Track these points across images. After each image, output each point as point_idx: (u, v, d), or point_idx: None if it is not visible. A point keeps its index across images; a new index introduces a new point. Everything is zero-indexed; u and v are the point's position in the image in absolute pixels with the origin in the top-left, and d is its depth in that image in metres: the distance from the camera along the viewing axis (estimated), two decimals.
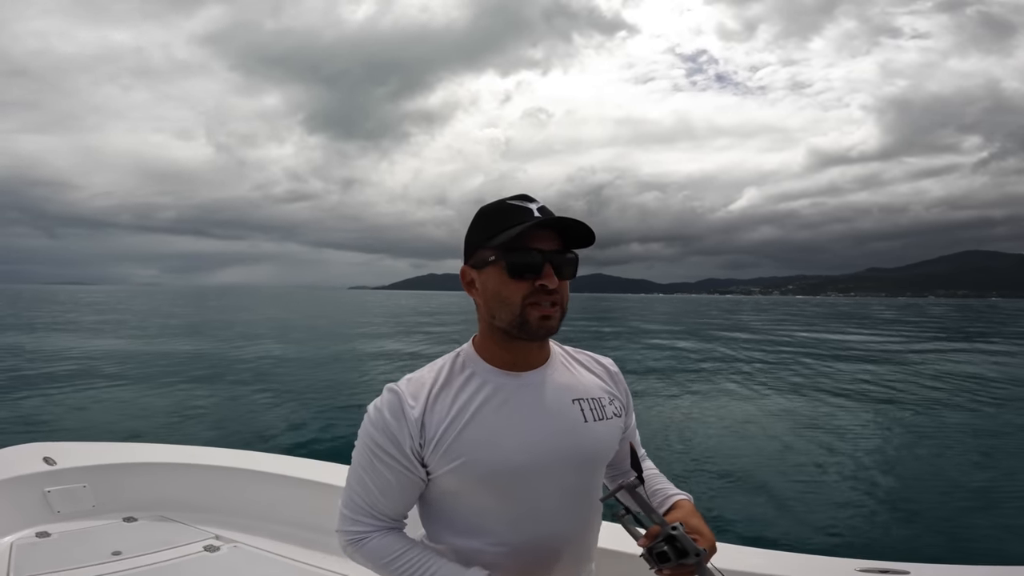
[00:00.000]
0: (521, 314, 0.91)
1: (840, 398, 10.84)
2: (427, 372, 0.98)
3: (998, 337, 26.92)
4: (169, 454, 2.37)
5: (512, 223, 0.91)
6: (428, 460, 0.92)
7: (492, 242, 0.92)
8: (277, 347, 19.68)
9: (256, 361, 16.13)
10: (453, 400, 0.94)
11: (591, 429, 0.98)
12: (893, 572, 1.41)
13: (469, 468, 0.91)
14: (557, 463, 0.94)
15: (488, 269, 0.94)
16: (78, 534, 2.03)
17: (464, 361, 0.99)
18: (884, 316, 52.33)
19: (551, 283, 0.90)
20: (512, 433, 0.92)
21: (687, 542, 0.85)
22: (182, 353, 17.53)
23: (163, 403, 10.12)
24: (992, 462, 6.67)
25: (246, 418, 9.20)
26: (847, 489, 5.75)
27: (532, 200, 0.94)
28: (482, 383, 0.95)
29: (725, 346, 21.18)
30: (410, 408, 0.92)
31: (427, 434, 0.91)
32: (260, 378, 13.35)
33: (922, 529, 4.78)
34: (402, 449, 0.91)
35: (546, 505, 0.95)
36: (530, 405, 0.95)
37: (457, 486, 0.93)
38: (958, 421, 8.87)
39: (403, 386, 0.95)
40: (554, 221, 0.91)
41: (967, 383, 12.59)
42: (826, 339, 25.30)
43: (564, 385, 1.00)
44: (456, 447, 0.91)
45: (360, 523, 0.96)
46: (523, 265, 0.90)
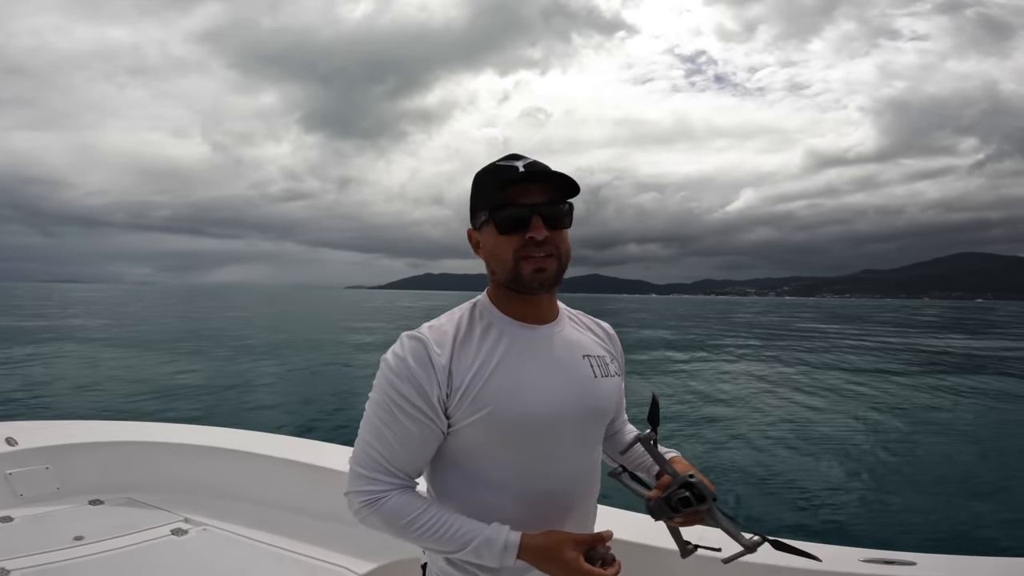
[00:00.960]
0: (515, 268, 0.93)
1: (844, 391, 10.83)
2: (447, 321, 0.97)
3: (996, 335, 27.01)
4: (137, 432, 2.28)
5: (500, 181, 0.92)
6: (452, 411, 0.90)
7: (482, 203, 0.95)
8: (264, 336, 19.57)
9: (239, 344, 15.99)
10: (477, 349, 0.93)
11: (599, 384, 1.00)
12: (898, 563, 1.39)
13: (493, 418, 0.90)
14: (572, 415, 0.96)
15: (484, 229, 0.97)
16: (41, 518, 1.93)
17: (481, 311, 0.99)
18: (878, 317, 52.47)
19: (538, 234, 0.91)
20: (533, 384, 0.93)
21: (704, 488, 0.89)
22: (159, 336, 17.34)
23: (135, 380, 9.97)
24: (999, 454, 6.65)
25: (223, 395, 9.08)
26: (852, 479, 5.71)
27: (520, 158, 0.96)
28: (501, 333, 0.96)
29: (725, 340, 21.16)
30: (437, 356, 0.90)
31: (454, 383, 0.90)
32: (240, 358, 13.24)
33: (928, 519, 4.73)
34: (429, 399, 0.89)
35: (560, 457, 0.96)
36: (547, 357, 0.97)
37: (477, 438, 0.92)
38: (965, 413, 8.86)
39: (427, 333, 0.93)
40: (533, 175, 0.92)
41: (971, 378, 12.61)
42: (827, 333, 25.31)
43: (575, 341, 1.02)
44: (482, 397, 0.90)
45: (378, 481, 0.91)
46: (509, 219, 0.92)
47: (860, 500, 5.14)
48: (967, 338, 25.60)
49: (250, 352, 14.28)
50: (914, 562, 1.38)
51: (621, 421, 1.17)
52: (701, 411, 9.00)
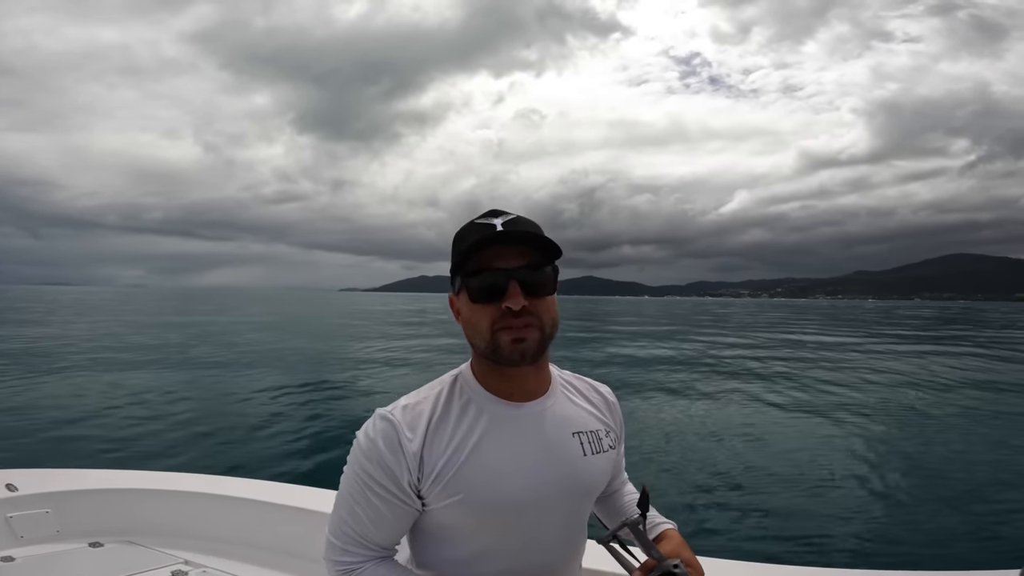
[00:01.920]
0: (492, 340, 0.86)
1: (831, 407, 10.90)
2: (423, 398, 0.92)
3: (981, 340, 27.34)
4: (135, 480, 2.31)
5: (475, 244, 0.84)
6: (425, 494, 0.88)
7: (458, 268, 0.88)
8: (261, 368, 19.50)
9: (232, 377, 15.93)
10: (452, 432, 0.88)
11: (589, 462, 0.95)
12: None
13: (468, 503, 0.86)
14: (557, 497, 0.91)
15: (461, 297, 0.90)
16: (43, 559, 1.96)
17: (462, 386, 0.94)
18: (867, 318, 52.94)
19: (515, 304, 0.83)
20: (513, 468, 0.88)
21: None
22: (152, 364, 17.30)
23: (128, 427, 9.94)
24: (982, 465, 6.71)
25: (216, 444, 9.04)
26: (840, 499, 5.74)
27: (500, 214, 0.88)
28: (479, 412, 0.90)
29: (708, 352, 21.29)
30: (408, 441, 0.86)
31: (425, 469, 0.86)
32: (232, 396, 13.22)
33: (910, 535, 4.78)
34: (399, 483, 0.86)
35: (543, 537, 0.92)
36: (531, 439, 0.91)
37: (453, 519, 0.89)
38: (951, 427, 8.94)
39: (399, 415, 0.88)
40: (507, 236, 0.84)
41: (959, 388, 12.74)
42: (813, 343, 25.52)
43: (564, 417, 0.96)
44: (455, 482, 0.86)
45: (350, 553, 0.91)
46: (483, 288, 0.85)
47: (848, 520, 5.19)
48: (957, 344, 25.87)
49: (246, 372, 14.20)
50: None
51: (619, 482, 1.13)
52: (678, 433, 9.06)
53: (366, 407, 11.32)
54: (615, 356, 18.27)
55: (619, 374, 14.31)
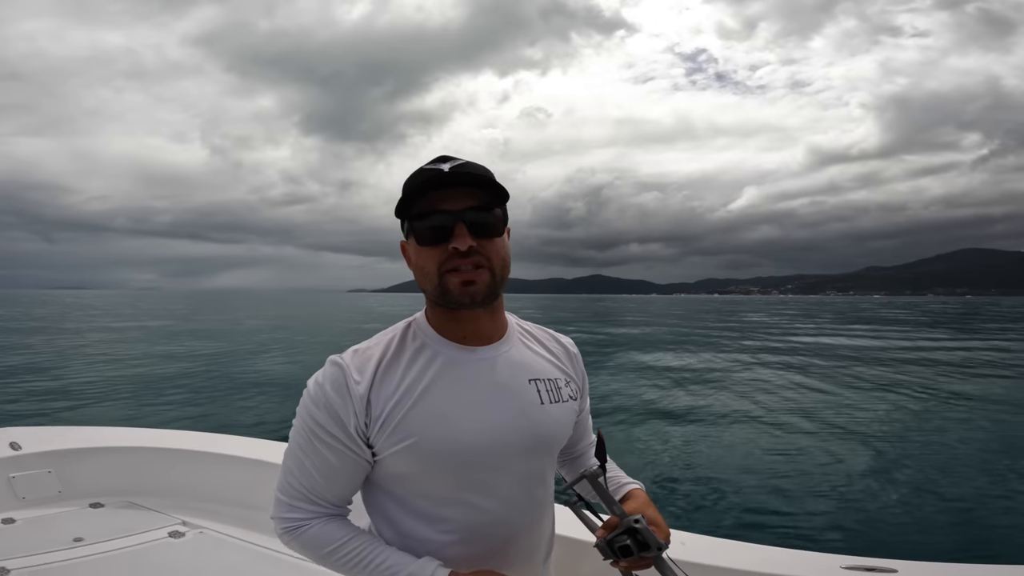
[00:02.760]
0: (440, 283, 0.84)
1: (828, 395, 10.85)
2: (375, 343, 0.90)
3: (991, 334, 26.98)
4: (137, 438, 2.34)
5: (422, 188, 0.84)
6: (374, 440, 0.84)
7: (404, 212, 0.86)
8: (266, 341, 19.69)
9: (237, 351, 16.09)
10: (403, 375, 0.85)
11: (546, 411, 0.91)
12: (880, 570, 1.40)
13: (418, 448, 0.83)
14: (511, 445, 0.87)
15: (408, 241, 0.89)
16: (43, 520, 1.99)
17: (415, 331, 0.91)
18: (878, 314, 52.41)
19: (462, 244, 0.82)
20: (465, 412, 0.85)
21: (649, 535, 0.83)
22: (163, 343, 17.52)
23: (138, 387, 10.06)
24: (980, 461, 6.65)
25: (221, 402, 9.15)
26: (834, 485, 5.72)
27: (448, 160, 0.87)
28: (433, 355, 0.88)
29: (707, 346, 21.19)
30: (355, 383, 0.83)
31: (373, 412, 0.83)
32: (238, 366, 13.32)
33: (910, 527, 4.76)
34: (346, 429, 0.83)
35: (499, 490, 0.88)
36: (484, 383, 0.88)
37: (405, 468, 0.85)
38: (947, 420, 8.86)
39: (348, 359, 0.86)
40: (452, 177, 0.83)
41: (955, 382, 12.61)
42: (813, 337, 25.33)
43: (520, 363, 0.92)
44: (404, 426, 0.83)
45: (298, 509, 0.87)
46: (429, 230, 0.83)
47: (841, 506, 5.16)
48: (960, 338, 25.57)
49: (245, 365, 14.34)
50: (895, 569, 1.39)
51: (585, 444, 1.09)
52: (679, 414, 9.03)
53: None
54: None
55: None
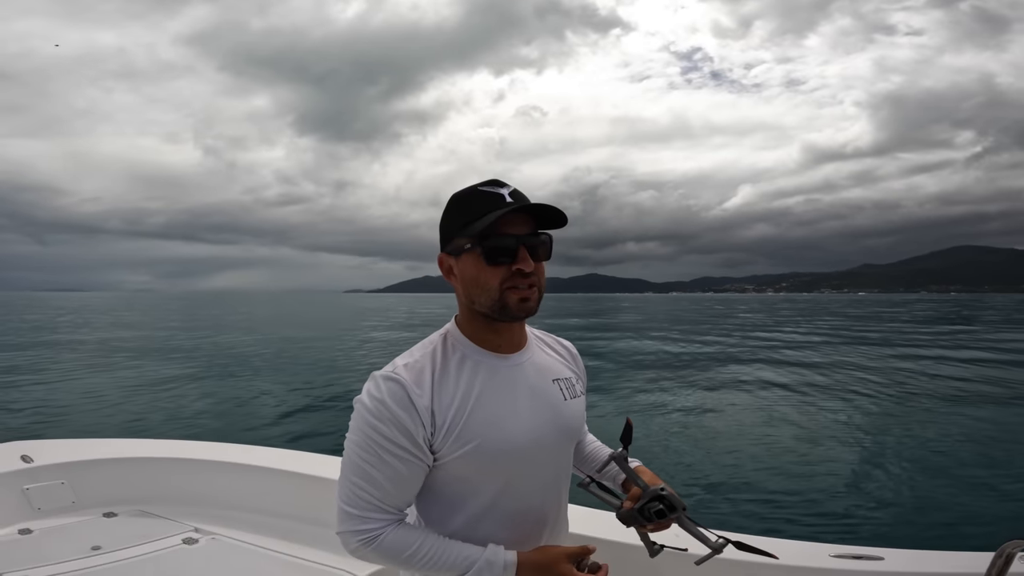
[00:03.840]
0: (500, 298, 0.94)
1: (814, 388, 10.97)
2: (421, 356, 0.98)
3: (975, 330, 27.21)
4: (147, 449, 2.39)
5: (485, 209, 0.93)
6: (439, 447, 0.93)
7: (467, 230, 0.94)
8: (261, 342, 19.68)
9: (240, 355, 16.09)
10: (455, 385, 0.95)
11: (569, 406, 1.05)
12: (866, 557, 1.45)
13: (480, 451, 0.93)
14: (550, 440, 1.01)
15: (465, 256, 0.96)
16: (59, 530, 2.04)
17: (453, 343, 1.01)
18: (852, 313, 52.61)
19: (527, 266, 0.93)
20: (514, 414, 0.97)
21: (675, 499, 0.97)
22: (167, 349, 17.51)
23: (144, 399, 10.10)
24: (962, 450, 6.78)
25: (228, 411, 9.20)
26: (821, 476, 5.84)
27: (503, 185, 0.96)
28: (475, 365, 0.98)
29: (697, 342, 21.30)
30: (417, 396, 0.91)
31: (437, 421, 0.92)
32: (242, 371, 13.35)
33: (895, 515, 4.86)
34: (414, 439, 0.90)
35: (540, 480, 1.02)
36: (524, 386, 1.00)
37: (465, 469, 0.95)
38: (930, 410, 8.98)
39: (403, 374, 0.93)
40: (526, 206, 0.94)
41: (937, 375, 12.76)
42: (799, 333, 25.49)
43: (544, 366, 1.06)
44: (466, 432, 0.92)
45: (371, 520, 0.93)
46: (499, 251, 0.93)
47: (827, 496, 5.27)
48: (945, 332, 25.79)
49: (249, 371, 14.37)
50: (882, 556, 1.44)
51: (583, 430, 1.23)
52: (668, 413, 9.12)
53: None
54: None
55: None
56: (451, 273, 1.00)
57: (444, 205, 0.99)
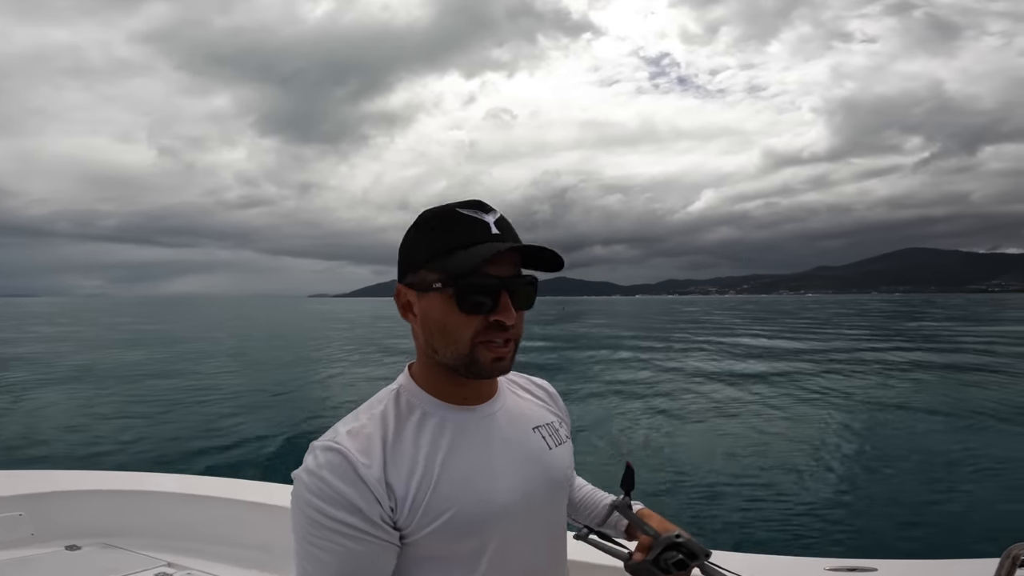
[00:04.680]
0: (470, 353, 0.77)
1: (799, 401, 11.21)
2: (366, 421, 0.79)
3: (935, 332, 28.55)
4: (112, 481, 2.29)
5: (464, 240, 0.76)
6: (404, 524, 0.75)
7: (438, 263, 0.76)
8: (226, 364, 19.08)
9: (200, 379, 15.56)
10: (415, 449, 0.78)
11: (555, 455, 0.90)
12: (860, 569, 1.45)
13: (457, 521, 0.76)
14: (537, 496, 0.85)
15: (431, 296, 0.77)
16: (18, 563, 1.95)
17: (408, 400, 0.83)
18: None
19: (508, 318, 0.76)
20: (490, 473, 0.80)
21: (695, 545, 0.86)
22: (121, 369, 16.79)
23: (98, 427, 9.65)
24: (950, 459, 6.94)
25: (186, 440, 8.87)
26: (812, 490, 5.93)
27: (488, 209, 0.78)
28: (439, 423, 0.81)
29: (675, 350, 21.71)
30: (365, 468, 0.73)
31: (397, 495, 0.75)
32: (203, 397, 12.93)
33: (887, 526, 4.97)
34: (368, 518, 0.73)
35: (533, 542, 0.86)
36: (498, 440, 0.84)
37: (441, 545, 0.77)
38: (916, 420, 9.29)
39: (345, 443, 0.75)
40: (519, 248, 0.76)
41: (919, 382, 13.25)
42: (776, 342, 26.27)
43: (519, 414, 0.90)
44: (437, 502, 0.76)
45: None
46: (477, 296, 0.75)
47: (819, 510, 5.34)
48: (913, 338, 26.97)
49: (210, 396, 13.90)
50: (875, 568, 1.44)
51: (572, 477, 1.10)
52: (649, 431, 9.24)
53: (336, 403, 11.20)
54: None
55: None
56: (409, 311, 0.82)
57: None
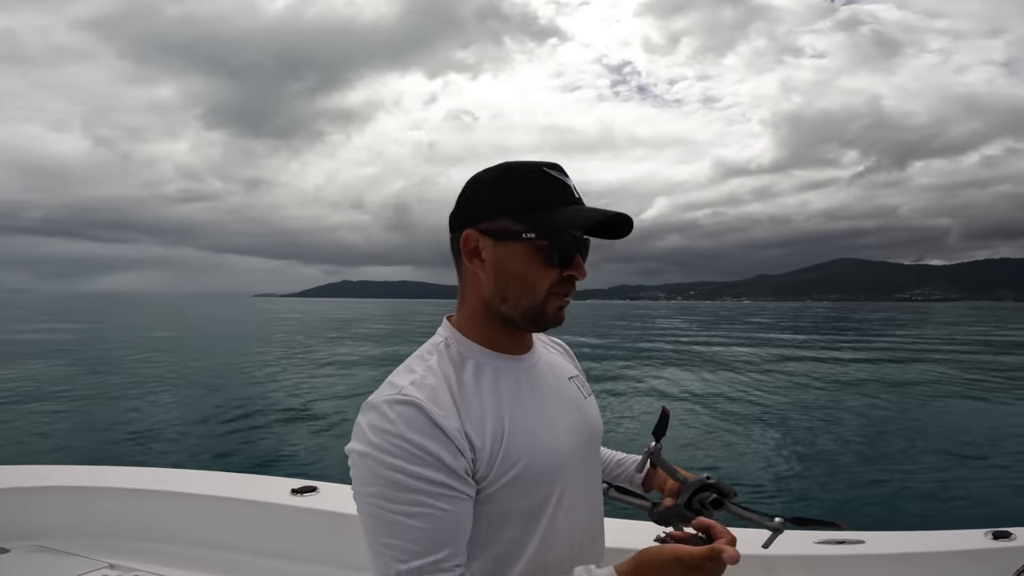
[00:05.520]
0: (542, 303, 0.80)
1: (786, 381, 11.64)
2: (424, 371, 0.78)
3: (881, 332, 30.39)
4: (42, 476, 2.11)
5: (550, 198, 0.78)
6: (483, 474, 0.74)
7: (527, 216, 0.78)
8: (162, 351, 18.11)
9: (137, 367, 14.78)
10: (480, 398, 0.77)
11: (590, 404, 0.93)
12: (849, 541, 1.52)
13: (529, 473, 0.76)
14: (584, 443, 0.87)
15: (511, 245, 0.79)
16: None
17: (459, 350, 0.83)
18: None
19: (580, 274, 0.81)
20: (549, 422, 0.82)
21: (725, 486, 0.90)
22: (46, 362, 15.69)
23: (26, 419, 8.97)
24: (936, 437, 7.36)
25: (129, 430, 8.38)
26: (800, 463, 6.20)
27: (562, 171, 0.81)
28: (495, 371, 0.81)
29: (646, 340, 22.17)
30: (443, 418, 0.71)
31: (476, 444, 0.73)
32: (143, 385, 12.24)
33: (876, 498, 5.23)
34: (454, 472, 0.71)
35: (586, 491, 0.87)
36: (548, 388, 0.86)
37: (509, 497, 0.76)
38: (907, 398, 9.81)
39: (415, 393, 0.73)
40: (605, 214, 0.79)
41: (904, 366, 13.96)
42: (750, 330, 27.25)
43: (556, 365, 0.93)
44: (510, 454, 0.75)
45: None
46: (562, 251, 0.78)
47: (807, 482, 5.59)
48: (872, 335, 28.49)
49: (141, 371, 13.14)
50: (863, 540, 1.52)
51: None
52: (631, 400, 9.39)
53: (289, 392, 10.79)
54: None
55: None
56: (476, 256, 0.81)
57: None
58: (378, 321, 43.89)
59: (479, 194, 0.81)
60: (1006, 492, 5.31)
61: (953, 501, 5.23)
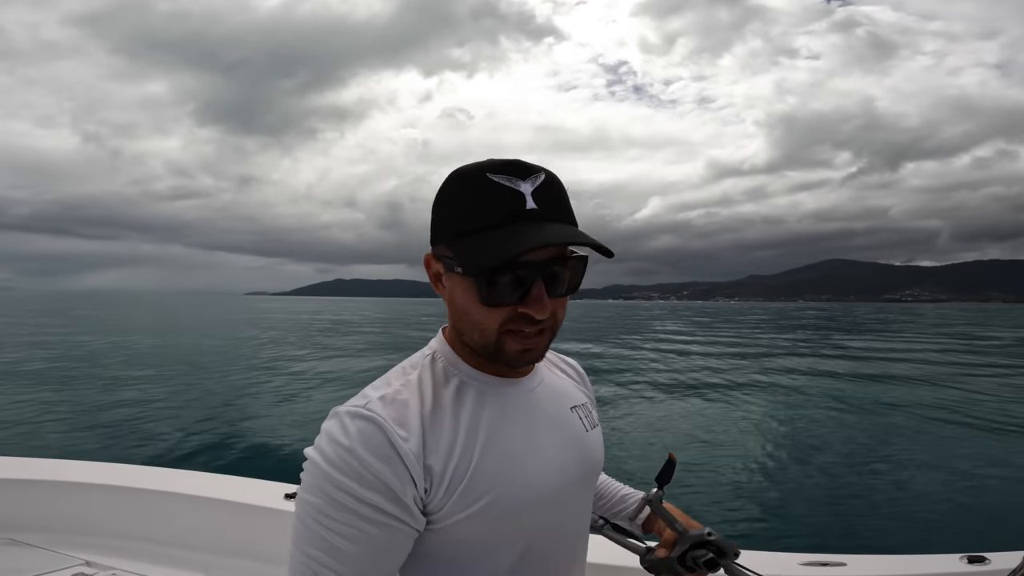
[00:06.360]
0: (496, 342, 0.69)
1: (770, 397, 11.61)
2: (402, 387, 0.71)
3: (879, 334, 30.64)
4: (15, 469, 2.03)
5: (492, 217, 0.65)
6: (437, 507, 0.67)
7: (459, 246, 0.67)
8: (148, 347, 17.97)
9: (122, 362, 14.63)
10: (455, 421, 0.69)
11: (591, 438, 0.83)
12: (831, 564, 1.51)
13: (496, 507, 0.68)
14: (576, 478, 0.78)
15: (453, 277, 0.69)
16: None
17: (445, 367, 0.75)
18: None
19: (538, 312, 0.66)
20: (535, 453, 0.73)
21: (724, 544, 0.84)
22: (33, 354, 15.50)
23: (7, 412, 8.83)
24: (919, 458, 7.26)
25: (111, 428, 8.27)
26: (785, 486, 6.11)
27: (526, 175, 0.67)
28: (479, 395, 0.73)
29: (627, 351, 22.23)
30: (403, 441, 0.64)
31: (434, 474, 0.66)
32: (125, 382, 12.11)
33: (856, 521, 5.17)
34: (400, 500, 0.64)
35: (570, 531, 0.79)
36: (540, 417, 0.76)
37: (475, 532, 0.69)
38: (890, 418, 9.81)
39: (380, 410, 0.66)
40: (547, 240, 0.63)
41: (884, 380, 14.01)
42: (730, 338, 27.42)
43: (558, 391, 0.83)
44: (477, 484, 0.67)
45: None
46: (502, 287, 0.66)
47: (791, 506, 5.53)
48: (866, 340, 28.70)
49: (125, 367, 12.99)
50: (844, 563, 1.51)
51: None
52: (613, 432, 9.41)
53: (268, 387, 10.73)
54: None
55: None
56: (439, 282, 0.73)
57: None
58: (373, 324, 43.78)
59: (433, 212, 0.71)
60: (982, 516, 5.34)
61: (930, 524, 5.27)
